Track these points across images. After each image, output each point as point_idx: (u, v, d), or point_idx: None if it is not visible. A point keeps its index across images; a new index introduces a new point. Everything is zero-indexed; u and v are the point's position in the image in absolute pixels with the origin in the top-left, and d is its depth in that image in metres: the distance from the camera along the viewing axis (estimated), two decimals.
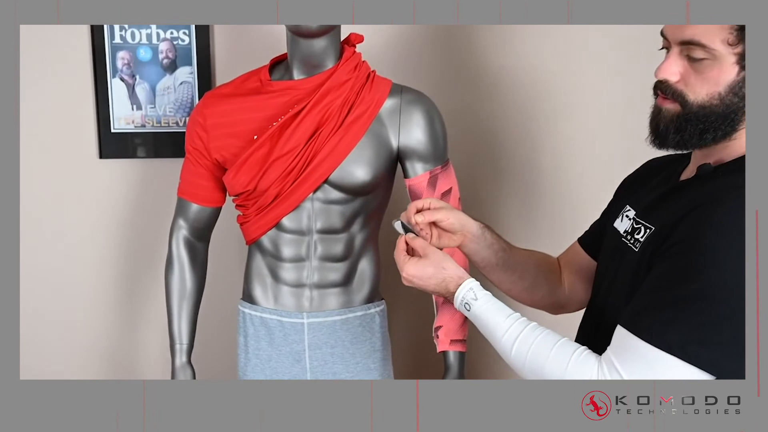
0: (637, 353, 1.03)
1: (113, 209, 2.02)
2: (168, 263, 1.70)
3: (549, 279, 1.41)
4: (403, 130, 1.56)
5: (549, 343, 1.11)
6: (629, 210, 1.23)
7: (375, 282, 1.68)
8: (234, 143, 1.57)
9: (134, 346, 2.09)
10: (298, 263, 1.62)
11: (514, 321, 1.16)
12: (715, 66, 1.06)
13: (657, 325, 1.03)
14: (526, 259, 1.41)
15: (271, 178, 1.54)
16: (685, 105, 1.10)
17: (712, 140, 1.10)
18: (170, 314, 1.68)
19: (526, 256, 1.41)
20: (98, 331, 2.07)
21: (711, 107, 1.08)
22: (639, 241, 1.15)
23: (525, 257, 1.41)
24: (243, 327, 1.68)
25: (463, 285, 1.22)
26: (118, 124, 1.94)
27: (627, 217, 1.23)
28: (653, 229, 1.12)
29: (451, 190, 1.62)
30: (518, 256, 1.40)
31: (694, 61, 1.08)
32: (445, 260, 1.25)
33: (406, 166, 1.60)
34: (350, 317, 1.64)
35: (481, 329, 1.21)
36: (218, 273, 1.94)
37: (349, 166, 1.54)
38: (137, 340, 2.08)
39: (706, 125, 1.09)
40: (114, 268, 2.05)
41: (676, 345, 1.01)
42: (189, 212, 1.67)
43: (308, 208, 1.58)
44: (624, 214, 1.24)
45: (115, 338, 2.07)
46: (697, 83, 1.08)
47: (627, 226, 1.21)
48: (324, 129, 1.53)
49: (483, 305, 1.19)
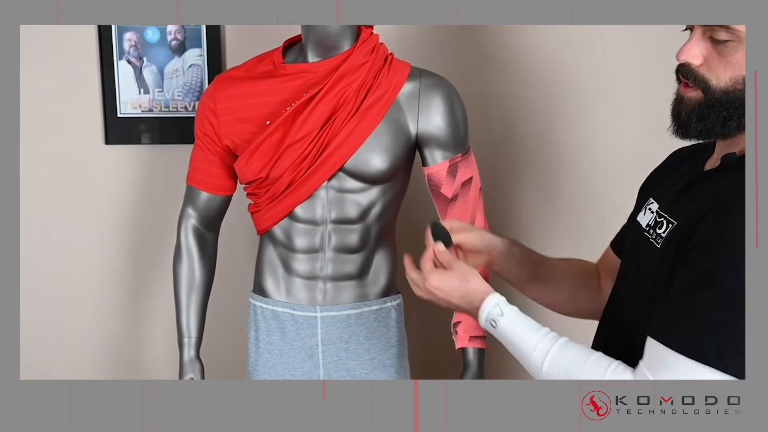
0: (673, 366, 1.02)
1: (120, 198, 2.03)
2: (176, 253, 1.71)
3: (588, 287, 1.40)
4: (422, 115, 1.57)
5: (581, 359, 1.10)
6: (652, 203, 1.23)
7: (391, 275, 1.68)
8: (245, 129, 1.57)
9: (140, 340, 2.10)
10: (311, 254, 1.63)
11: (543, 336, 1.14)
12: (740, 48, 1.06)
13: (690, 335, 1.02)
14: (561, 270, 1.40)
15: (284, 166, 1.55)
16: (708, 91, 1.09)
17: (736, 128, 1.09)
18: (178, 307, 1.69)
19: (560, 267, 1.41)
20: (102, 326, 2.08)
21: (735, 93, 1.07)
22: (661, 236, 1.14)
23: (560, 268, 1.40)
24: (254, 320, 1.69)
25: (488, 299, 1.20)
26: (124, 108, 1.96)
27: (650, 211, 1.22)
28: (675, 224, 1.12)
29: (471, 180, 1.63)
30: (552, 267, 1.40)
31: (717, 43, 1.07)
32: (470, 273, 1.23)
33: (425, 154, 1.60)
34: (365, 311, 1.65)
35: (509, 346, 1.18)
36: (228, 264, 1.95)
37: (366, 154, 1.55)
38: (143, 334, 2.09)
39: (729, 112, 1.08)
40: (119, 259, 2.06)
41: (713, 356, 1.00)
42: (198, 200, 1.68)
43: (322, 197, 1.59)
44: (647, 207, 1.24)
45: (120, 333, 2.09)
46: (720, 67, 1.07)
47: (650, 220, 1.21)
48: (339, 114, 1.53)
49: (510, 321, 1.17)
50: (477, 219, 1.64)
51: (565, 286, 1.40)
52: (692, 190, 1.15)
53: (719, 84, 1.08)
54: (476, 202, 1.64)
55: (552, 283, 1.39)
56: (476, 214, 1.64)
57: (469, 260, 1.34)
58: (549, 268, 1.39)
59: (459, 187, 1.61)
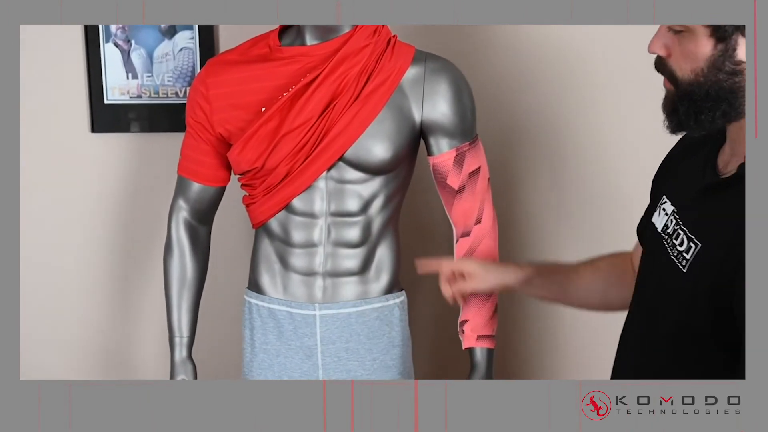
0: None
1: (107, 190, 2.02)
2: (167, 248, 1.70)
3: (621, 285, 1.42)
4: (427, 102, 1.56)
5: None
6: (666, 202, 1.23)
7: (394, 271, 1.67)
8: (240, 116, 1.57)
9: (130, 340, 2.09)
10: (309, 249, 1.62)
11: None
12: (692, 39, 1.09)
13: None
14: (591, 279, 1.45)
15: (280, 155, 1.54)
16: (676, 84, 1.13)
17: (711, 123, 1.11)
18: (169, 304, 1.69)
19: (589, 275, 1.45)
20: (89, 324, 2.08)
21: (697, 85, 1.10)
22: (685, 257, 1.13)
23: (589, 277, 1.45)
24: (249, 319, 1.69)
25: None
26: (111, 94, 1.95)
27: (664, 212, 1.22)
28: (700, 246, 1.11)
29: (479, 170, 1.62)
30: (581, 280, 1.45)
31: (675, 34, 1.11)
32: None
33: (430, 143, 1.60)
34: (367, 309, 1.64)
35: None
36: (222, 259, 1.94)
37: (367, 142, 1.54)
38: (133, 333, 2.08)
39: (697, 106, 1.11)
40: (107, 254, 2.06)
41: None
42: (190, 192, 1.67)
43: (321, 189, 1.58)
44: (661, 207, 1.24)
45: (108, 331, 2.08)
46: (681, 59, 1.11)
47: (665, 223, 1.20)
48: (339, 100, 1.52)
49: None
50: (485, 211, 1.63)
51: (595, 294, 1.45)
52: (710, 200, 1.14)
53: (683, 76, 1.12)
54: (484, 194, 1.63)
55: (580, 297, 1.45)
56: (484, 206, 1.63)
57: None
58: (576, 283, 1.45)
59: (466, 178, 1.60)
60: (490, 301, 1.63)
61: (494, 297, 1.64)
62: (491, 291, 1.52)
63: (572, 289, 1.45)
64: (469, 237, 1.63)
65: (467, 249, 1.63)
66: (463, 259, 1.55)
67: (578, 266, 1.48)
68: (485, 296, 1.62)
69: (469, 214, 1.62)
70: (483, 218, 1.62)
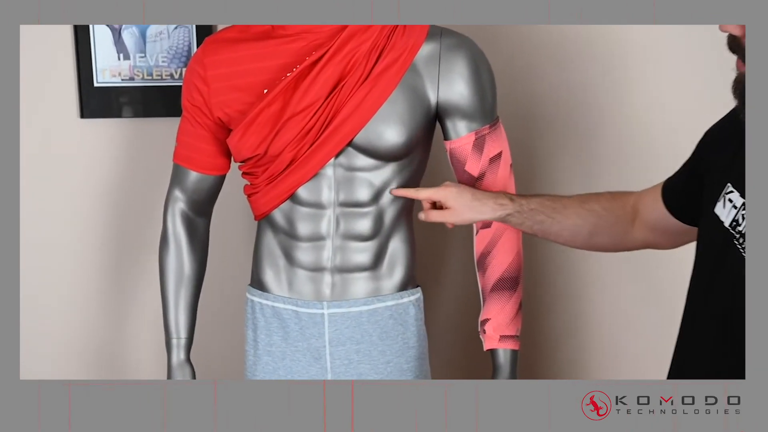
0: None
1: (97, 179, 2.02)
2: (162, 242, 1.70)
3: (610, 233, 1.46)
4: (444, 81, 1.55)
5: None
6: (732, 192, 1.21)
7: (409, 265, 1.66)
8: (240, 98, 1.56)
9: (123, 340, 2.09)
10: (316, 242, 1.61)
11: None
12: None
13: None
14: (578, 220, 1.48)
15: (284, 141, 1.53)
16: None
17: None
18: (165, 303, 1.69)
19: (577, 216, 1.49)
20: (80, 323, 2.07)
21: None
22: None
23: (576, 219, 1.48)
24: (252, 319, 1.68)
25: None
26: (101, 76, 1.95)
27: (731, 204, 1.19)
28: None
29: (501, 155, 1.60)
30: (566, 220, 1.49)
31: None
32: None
33: (447, 126, 1.59)
34: (379, 308, 1.63)
35: None
36: (222, 254, 1.94)
37: (378, 126, 1.53)
38: (126, 334, 2.09)
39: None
40: (99, 248, 2.05)
41: None
42: (187, 182, 1.67)
43: (329, 177, 1.58)
44: (726, 196, 1.21)
45: (100, 331, 2.08)
46: None
47: (733, 218, 1.18)
48: (348, 80, 1.51)
49: None
50: None
51: (580, 236, 1.50)
52: None
53: None
54: (507, 181, 1.61)
55: (564, 234, 1.50)
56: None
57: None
58: (561, 222, 1.49)
59: (486, 164, 1.59)
60: (513, 298, 1.61)
61: (518, 293, 1.62)
62: (466, 223, 1.56)
63: (556, 229, 1.48)
64: (489, 228, 1.62)
65: (488, 241, 1.62)
66: (443, 187, 1.55)
67: (568, 203, 1.50)
68: (508, 292, 1.61)
69: None
70: None
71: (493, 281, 1.62)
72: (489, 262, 1.62)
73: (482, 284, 1.65)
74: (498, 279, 1.62)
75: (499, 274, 1.62)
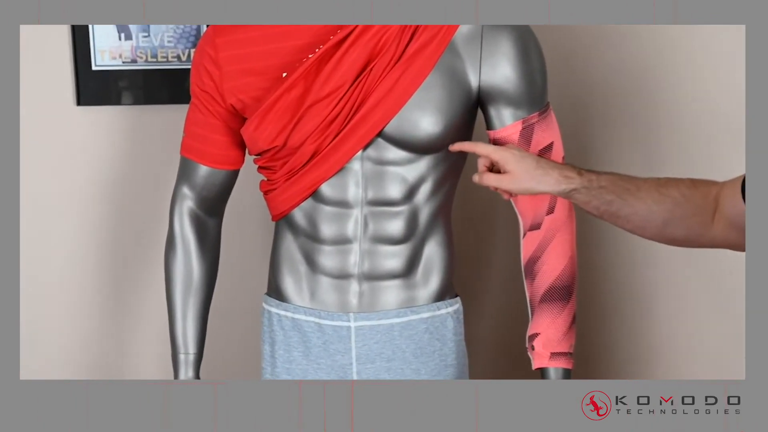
0: None
1: (96, 174, 2.03)
2: (168, 245, 1.70)
3: (688, 224, 1.43)
4: (486, 63, 1.53)
5: None
6: None
7: (447, 272, 1.64)
8: (256, 83, 1.55)
9: (124, 356, 2.10)
10: (342, 246, 1.61)
11: None
12: None
13: None
14: (653, 207, 1.45)
15: (306, 130, 1.52)
16: None
17: None
18: (172, 314, 1.69)
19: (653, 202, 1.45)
20: (76, 335, 2.08)
21: None
22: None
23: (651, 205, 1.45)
24: (269, 332, 1.68)
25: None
26: (101, 58, 1.96)
27: None
28: None
29: (552, 146, 1.58)
30: (640, 204, 1.45)
31: None
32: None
33: (491, 113, 1.57)
34: (413, 320, 1.63)
35: None
36: (235, 259, 1.95)
37: (412, 113, 1.52)
38: (128, 348, 2.10)
39: None
40: (98, 250, 2.06)
41: None
42: (196, 177, 1.67)
43: (356, 171, 1.57)
44: None
45: (98, 345, 2.09)
46: None
47: None
48: (378, 62, 1.50)
49: None
50: (559, 200, 1.59)
51: (653, 223, 1.46)
52: None
53: None
54: None
55: (635, 220, 1.47)
56: None
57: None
58: (634, 206, 1.46)
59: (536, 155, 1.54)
60: (566, 309, 1.59)
61: (572, 303, 1.59)
62: (524, 194, 1.51)
63: (626, 212, 1.45)
64: (539, 230, 1.59)
65: (537, 244, 1.60)
66: (505, 147, 1.50)
67: (642, 185, 1.46)
68: (560, 303, 1.58)
69: (540, 202, 1.59)
70: (557, 207, 1.59)
71: (543, 290, 1.60)
72: (538, 269, 1.60)
73: (530, 294, 1.62)
74: (549, 288, 1.59)
75: (549, 282, 1.59)
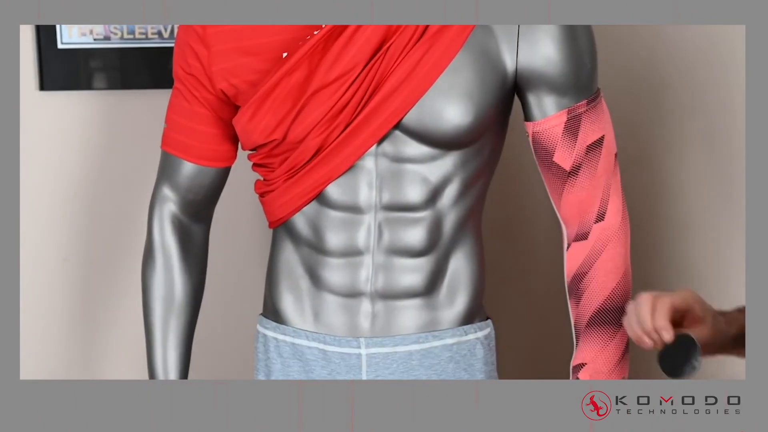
0: None
1: (60, 170, 2.02)
2: (147, 256, 1.67)
3: None
4: (525, 41, 1.51)
5: None
6: None
7: (476, 291, 1.62)
8: (251, 65, 1.53)
9: (96, 372, 2.10)
10: (352, 258, 1.57)
11: None
12: None
13: None
14: None
15: (309, 122, 1.49)
16: None
17: None
18: (151, 336, 1.67)
19: None
20: (45, 346, 2.07)
21: None
22: None
23: None
24: (264, 360, 1.65)
25: None
26: (67, 36, 1.96)
27: None
28: None
29: (602, 141, 1.54)
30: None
31: None
32: None
33: (530, 102, 1.54)
34: (435, 347, 1.60)
35: None
36: (225, 273, 1.95)
37: (437, 102, 1.49)
38: (101, 364, 2.09)
39: None
40: (66, 256, 2.05)
41: None
42: (180, 176, 1.64)
43: (369, 170, 1.54)
44: None
45: (69, 359, 2.08)
46: None
47: None
48: (396, 41, 1.47)
49: None
50: (611, 202, 1.57)
51: None
52: None
53: None
54: (610, 177, 1.57)
55: None
56: (610, 194, 1.57)
57: None
58: None
59: (583, 153, 1.54)
60: (618, 336, 1.56)
61: (623, 330, 1.54)
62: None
63: None
64: (587, 240, 1.57)
65: (585, 258, 1.58)
66: (677, 293, 1.44)
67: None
68: (611, 328, 1.56)
69: (588, 207, 1.57)
70: (608, 212, 1.57)
71: (592, 312, 1.58)
72: (585, 287, 1.58)
73: (576, 316, 1.61)
74: (597, 309, 1.57)
75: (599, 303, 1.57)
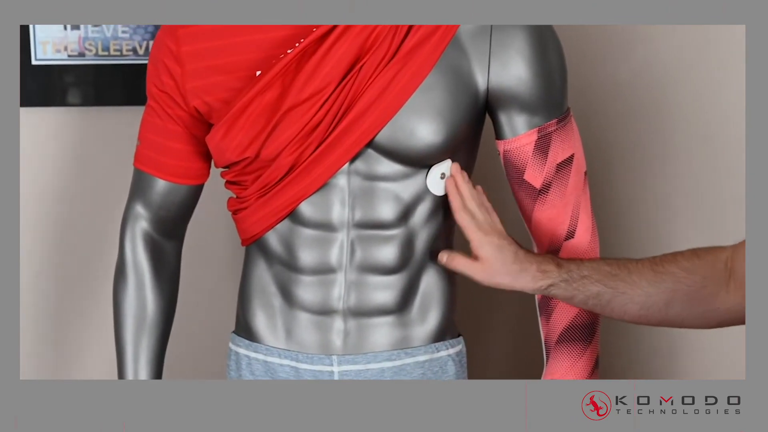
0: None
1: (33, 186, 2.04)
2: (118, 273, 1.69)
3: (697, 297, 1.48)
4: (496, 60, 1.53)
5: None
6: None
7: (447, 308, 1.64)
8: (224, 83, 1.55)
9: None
10: (324, 276, 1.60)
11: None
12: None
13: None
14: (650, 291, 1.50)
15: (282, 140, 1.52)
16: None
17: None
18: (122, 356, 1.68)
19: (649, 285, 1.50)
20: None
21: None
22: None
23: (648, 289, 1.50)
24: (237, 377, 1.67)
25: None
26: (42, 51, 1.98)
27: None
28: None
29: (572, 159, 1.57)
30: (634, 288, 1.51)
31: None
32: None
33: (501, 120, 1.57)
34: (408, 364, 1.62)
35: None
36: (197, 290, 1.96)
37: (409, 120, 1.51)
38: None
39: None
40: (34, 277, 2.08)
41: None
42: (152, 193, 1.67)
43: (342, 188, 1.57)
44: None
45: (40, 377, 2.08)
46: None
47: None
48: (368, 60, 1.50)
49: None
50: (581, 220, 1.59)
51: (655, 311, 1.51)
52: None
53: None
54: (579, 195, 1.60)
55: (631, 310, 1.52)
56: (579, 212, 1.60)
57: None
58: (629, 294, 1.51)
59: (553, 171, 1.57)
60: (587, 352, 1.60)
61: (594, 345, 1.60)
62: (494, 287, 1.56)
63: (619, 302, 1.51)
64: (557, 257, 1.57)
65: None
66: (486, 232, 1.56)
67: (634, 268, 1.51)
68: (580, 345, 1.59)
69: (558, 224, 1.59)
70: (578, 230, 1.60)
71: (561, 329, 1.60)
72: (555, 304, 1.60)
73: (546, 333, 1.63)
74: (567, 326, 1.60)
75: (568, 320, 1.60)
